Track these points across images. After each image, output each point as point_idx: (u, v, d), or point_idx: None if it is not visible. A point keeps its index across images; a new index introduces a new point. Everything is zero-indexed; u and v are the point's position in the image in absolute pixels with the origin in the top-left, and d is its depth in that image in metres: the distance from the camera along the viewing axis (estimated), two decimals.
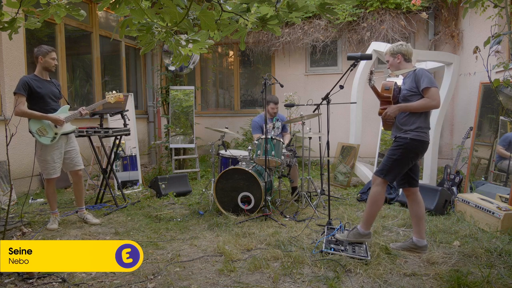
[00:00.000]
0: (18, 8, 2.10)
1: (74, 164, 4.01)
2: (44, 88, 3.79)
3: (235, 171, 4.20)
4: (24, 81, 3.68)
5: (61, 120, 3.81)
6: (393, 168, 3.02)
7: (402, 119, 3.09)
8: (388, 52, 3.24)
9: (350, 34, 7.08)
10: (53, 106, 3.86)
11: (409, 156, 3.01)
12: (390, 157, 3.04)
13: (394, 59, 3.20)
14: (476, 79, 5.42)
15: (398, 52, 3.17)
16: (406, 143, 2.99)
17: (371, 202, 3.08)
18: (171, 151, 6.53)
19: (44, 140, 3.74)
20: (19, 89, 3.65)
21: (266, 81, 4.20)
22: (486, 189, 4.44)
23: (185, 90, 6.60)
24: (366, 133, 6.73)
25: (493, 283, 2.52)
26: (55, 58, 3.84)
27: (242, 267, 2.86)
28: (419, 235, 3.11)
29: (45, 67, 3.81)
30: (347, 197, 5.11)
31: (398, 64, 3.19)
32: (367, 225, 3.14)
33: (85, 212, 4.11)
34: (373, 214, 3.11)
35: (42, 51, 3.75)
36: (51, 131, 3.79)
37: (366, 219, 3.13)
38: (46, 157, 3.79)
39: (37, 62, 3.80)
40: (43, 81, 3.82)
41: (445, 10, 6.55)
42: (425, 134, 3.04)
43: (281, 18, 1.90)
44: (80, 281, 2.66)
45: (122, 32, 1.95)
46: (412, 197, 3.15)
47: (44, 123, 3.77)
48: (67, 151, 3.97)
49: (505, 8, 2.70)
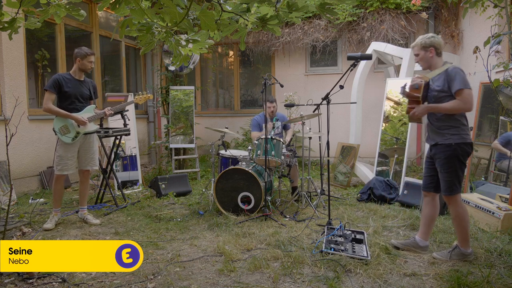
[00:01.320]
0: (18, 8, 2.10)
1: (87, 163, 4.10)
2: (73, 88, 3.90)
3: (235, 171, 4.20)
4: (56, 79, 3.82)
5: (84, 120, 3.90)
6: (456, 179, 2.87)
7: (438, 122, 2.91)
8: (418, 45, 2.97)
9: (350, 34, 7.08)
10: (78, 106, 3.96)
11: (463, 161, 2.88)
12: (449, 171, 2.87)
13: (426, 53, 2.94)
14: (476, 79, 5.41)
15: (431, 45, 2.91)
16: (455, 149, 2.82)
17: (458, 221, 2.91)
18: (171, 151, 6.54)
19: (65, 139, 3.85)
20: (49, 86, 3.79)
21: (266, 81, 4.20)
22: (486, 189, 4.44)
23: (185, 90, 6.60)
24: (366, 133, 6.73)
25: (493, 283, 2.52)
26: (92, 61, 3.97)
27: (242, 267, 2.86)
28: (424, 236, 3.11)
29: (81, 69, 3.96)
30: (347, 197, 5.11)
31: (430, 58, 2.94)
32: (467, 243, 2.93)
33: (86, 213, 4.12)
34: (466, 231, 2.92)
35: (81, 54, 3.89)
36: (73, 130, 3.89)
37: (462, 238, 2.92)
38: (61, 153, 3.90)
39: (75, 62, 3.94)
40: (75, 81, 3.95)
41: (445, 10, 6.55)
42: (468, 135, 2.88)
43: (281, 18, 1.90)
44: (80, 281, 2.66)
45: (122, 32, 1.95)
46: (430, 199, 3.10)
47: (67, 122, 3.88)
48: (84, 149, 4.05)
49: (505, 8, 2.70)
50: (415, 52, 3.04)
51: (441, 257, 2.93)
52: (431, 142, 2.98)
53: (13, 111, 4.86)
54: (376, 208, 4.42)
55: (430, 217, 3.10)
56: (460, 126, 2.86)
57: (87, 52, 3.92)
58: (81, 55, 3.90)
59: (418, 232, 3.18)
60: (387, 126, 5.52)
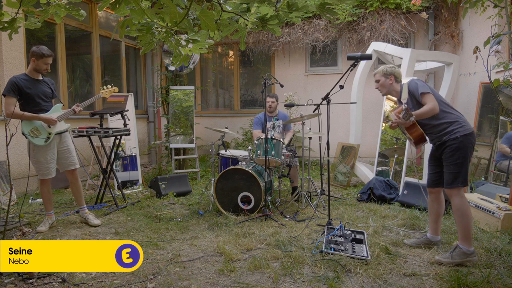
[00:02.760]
0: (18, 8, 2.10)
1: (68, 164, 3.94)
2: (34, 88, 3.67)
3: (235, 171, 4.20)
4: (13, 82, 3.57)
5: (53, 119, 3.71)
6: (462, 171, 2.90)
7: (437, 126, 2.98)
8: (380, 72, 3.24)
9: (350, 34, 7.08)
10: (43, 106, 3.75)
11: (469, 153, 2.93)
12: (455, 163, 2.90)
13: (386, 80, 3.21)
14: (476, 79, 5.42)
15: (391, 73, 3.19)
16: (461, 141, 2.88)
17: (460, 215, 2.89)
18: (171, 151, 6.54)
19: (38, 141, 3.66)
20: (7, 91, 3.55)
21: (266, 81, 4.20)
22: (486, 189, 4.44)
23: (185, 90, 6.60)
24: (366, 133, 6.73)
25: (493, 283, 2.52)
26: (48, 63, 3.70)
27: (242, 267, 2.86)
28: (435, 232, 3.23)
29: (36, 69, 3.70)
30: (347, 197, 5.11)
31: (389, 85, 3.20)
32: (469, 241, 2.88)
33: (87, 212, 4.07)
34: (468, 227, 2.88)
35: (37, 53, 3.61)
36: (44, 132, 3.71)
37: (464, 235, 2.89)
38: (39, 158, 3.72)
39: (31, 61, 3.67)
40: (33, 81, 3.70)
41: (445, 10, 6.55)
42: (467, 124, 2.95)
43: (281, 18, 1.90)
44: (80, 281, 2.66)
45: (122, 32, 1.95)
46: (436, 196, 3.19)
47: (36, 124, 3.68)
48: (61, 150, 3.89)
49: (505, 8, 2.70)
50: (376, 79, 3.29)
51: (444, 260, 2.91)
52: (438, 142, 3.03)
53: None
54: (376, 208, 4.42)
55: (437, 214, 3.21)
56: (457, 119, 2.95)
57: (45, 53, 3.61)
58: (38, 55, 3.60)
59: (429, 229, 3.27)
60: (387, 126, 5.52)
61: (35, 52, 3.63)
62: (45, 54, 3.64)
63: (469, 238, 2.89)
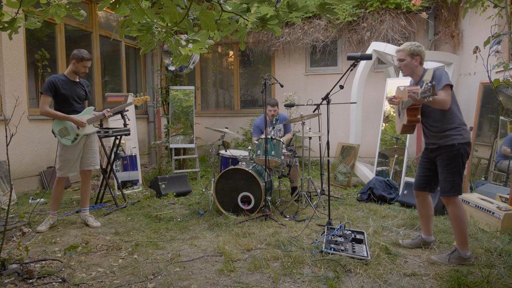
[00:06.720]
0: (18, 8, 2.10)
1: (89, 164, 4.07)
2: (70, 90, 3.84)
3: (235, 171, 4.20)
4: (51, 82, 3.75)
5: (84, 122, 3.85)
6: (456, 180, 2.85)
7: (437, 123, 2.88)
8: (406, 51, 2.95)
9: (350, 34, 7.09)
10: (76, 108, 3.91)
11: (464, 161, 2.86)
12: (452, 171, 2.84)
13: (412, 60, 2.96)
14: (476, 79, 5.42)
15: (419, 53, 2.94)
16: (457, 149, 2.81)
17: (457, 222, 2.87)
18: (171, 151, 6.54)
19: (65, 141, 3.80)
20: (45, 90, 3.72)
21: (266, 81, 4.20)
22: (486, 189, 4.44)
23: (185, 90, 6.60)
24: (366, 133, 6.73)
25: (493, 283, 2.52)
26: (87, 67, 3.89)
27: (242, 267, 2.86)
28: (428, 233, 3.23)
29: (75, 72, 3.88)
30: (347, 197, 5.11)
31: (415, 66, 2.97)
32: (465, 246, 2.88)
33: (87, 214, 4.08)
34: (464, 233, 2.87)
35: (78, 56, 3.79)
36: (72, 132, 3.85)
37: (460, 240, 2.88)
38: (67, 157, 3.86)
39: (71, 63, 3.86)
40: (70, 82, 3.88)
41: (445, 10, 6.55)
42: (468, 134, 2.87)
43: (281, 18, 1.90)
44: (80, 281, 2.66)
45: (122, 32, 1.95)
46: (424, 199, 3.15)
47: (66, 124, 3.83)
48: (86, 150, 4.02)
49: (505, 8, 2.70)
50: (400, 57, 3.00)
51: (440, 260, 2.92)
52: (433, 146, 2.96)
53: (13, 111, 4.86)
54: (376, 208, 4.42)
55: (427, 216, 3.21)
56: (461, 126, 2.86)
57: (85, 56, 3.82)
58: (78, 58, 3.80)
59: (422, 230, 3.28)
60: (387, 126, 5.52)
61: (75, 55, 3.80)
62: (85, 58, 3.82)
63: (466, 244, 2.89)
